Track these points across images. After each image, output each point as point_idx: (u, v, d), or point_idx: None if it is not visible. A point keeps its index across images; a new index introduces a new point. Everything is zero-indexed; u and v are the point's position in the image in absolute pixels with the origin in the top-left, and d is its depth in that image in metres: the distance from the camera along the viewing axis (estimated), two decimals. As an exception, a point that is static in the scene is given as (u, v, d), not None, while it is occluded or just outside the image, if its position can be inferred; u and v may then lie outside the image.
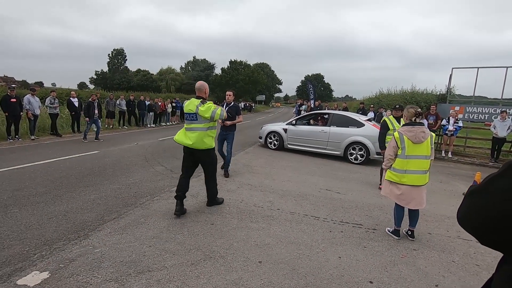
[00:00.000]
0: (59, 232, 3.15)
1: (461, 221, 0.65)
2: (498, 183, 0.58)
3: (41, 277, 2.37)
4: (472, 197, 0.64)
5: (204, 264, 2.70)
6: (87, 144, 9.03)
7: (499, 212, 0.56)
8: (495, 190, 0.58)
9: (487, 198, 0.59)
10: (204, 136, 3.82)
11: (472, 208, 0.63)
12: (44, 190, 4.43)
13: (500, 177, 0.59)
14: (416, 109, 3.61)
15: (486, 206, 0.59)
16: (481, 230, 0.61)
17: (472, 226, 0.63)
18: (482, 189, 0.61)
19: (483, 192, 0.61)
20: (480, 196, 0.61)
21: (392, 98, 13.96)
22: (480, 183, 0.63)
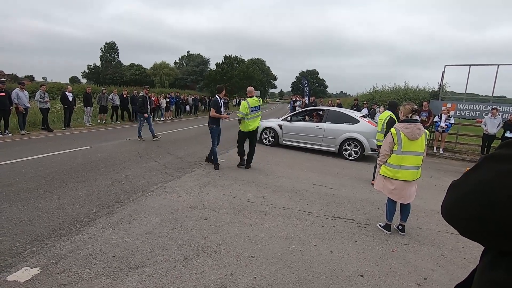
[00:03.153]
0: (50, 228, 3.12)
1: (443, 212, 0.67)
2: (474, 175, 0.60)
3: (32, 273, 2.35)
4: (453, 189, 0.65)
5: (197, 259, 2.71)
6: (79, 139, 8.91)
7: (474, 203, 0.58)
8: (472, 182, 0.60)
9: (465, 190, 0.61)
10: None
11: (452, 200, 0.64)
12: (34, 186, 4.37)
13: (476, 169, 0.60)
14: (412, 106, 3.64)
15: (463, 198, 0.60)
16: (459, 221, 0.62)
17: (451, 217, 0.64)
18: (461, 182, 0.63)
19: (462, 184, 0.62)
20: (459, 188, 0.63)
21: (385, 95, 14.06)
22: (461, 176, 0.65)
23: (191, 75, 57.39)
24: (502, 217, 0.53)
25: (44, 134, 9.64)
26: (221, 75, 50.05)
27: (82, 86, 24.33)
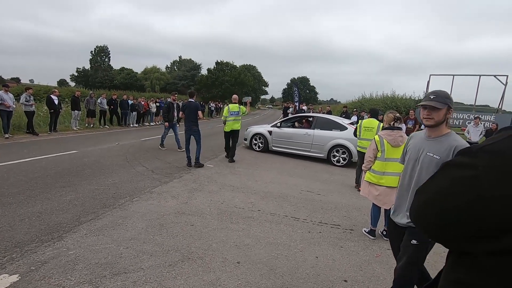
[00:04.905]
0: (32, 234, 3.05)
1: (410, 217, 0.71)
2: (434, 182, 0.64)
3: (10, 280, 2.29)
4: (416, 196, 0.69)
5: (181, 265, 2.69)
6: (65, 143, 8.75)
7: (434, 209, 0.62)
8: (431, 189, 0.64)
9: (426, 196, 0.65)
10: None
11: (415, 206, 0.68)
12: (17, 191, 4.26)
13: (435, 177, 0.64)
14: (395, 114, 3.77)
15: (424, 204, 0.65)
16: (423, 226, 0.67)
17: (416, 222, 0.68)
18: (423, 188, 0.67)
19: (424, 191, 0.66)
20: (421, 195, 0.67)
21: (374, 103, 14.36)
22: (424, 182, 0.69)
23: (182, 80, 57.24)
24: (457, 220, 0.57)
25: (29, 138, 9.41)
26: (213, 81, 50.16)
27: (71, 89, 23.94)
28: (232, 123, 7.59)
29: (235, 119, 7.60)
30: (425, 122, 1.79)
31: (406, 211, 1.89)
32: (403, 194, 1.97)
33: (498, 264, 0.52)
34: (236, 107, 7.64)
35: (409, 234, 1.91)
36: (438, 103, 1.72)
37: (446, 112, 1.76)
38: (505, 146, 0.52)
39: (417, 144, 1.92)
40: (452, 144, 1.73)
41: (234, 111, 7.60)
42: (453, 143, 1.74)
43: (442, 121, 1.78)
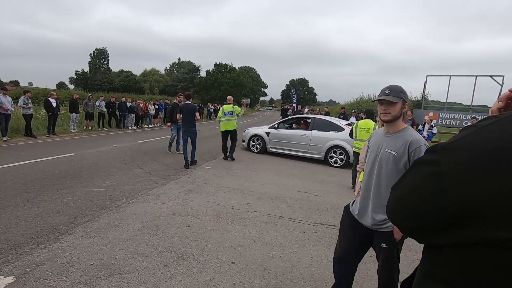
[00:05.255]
0: (28, 236, 3.07)
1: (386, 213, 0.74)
2: (406, 178, 0.67)
3: (5, 282, 2.30)
4: (392, 192, 0.72)
5: (176, 266, 2.71)
6: (63, 146, 8.77)
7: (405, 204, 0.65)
8: (404, 185, 0.67)
9: (399, 192, 0.68)
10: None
11: (390, 202, 0.72)
12: (14, 193, 4.28)
13: (408, 173, 0.67)
14: None
15: (398, 200, 0.68)
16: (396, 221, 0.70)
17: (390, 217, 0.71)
18: (397, 185, 0.70)
19: (397, 188, 0.70)
20: (395, 191, 0.70)
21: (372, 104, 14.41)
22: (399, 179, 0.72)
23: (181, 82, 57.37)
24: (422, 214, 0.60)
25: (27, 141, 9.43)
26: (212, 83, 50.26)
27: (69, 92, 23.97)
28: (226, 123, 7.86)
29: (228, 119, 7.88)
30: (382, 117, 1.80)
31: (372, 211, 1.85)
32: (367, 195, 1.91)
33: (460, 256, 0.55)
34: (230, 108, 7.93)
35: (377, 238, 1.88)
36: (393, 97, 1.73)
37: (402, 106, 1.77)
38: (463, 143, 0.55)
39: (377, 141, 1.91)
40: (407, 139, 1.74)
41: (228, 111, 7.90)
42: (408, 138, 1.74)
43: (399, 115, 1.78)
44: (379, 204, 1.82)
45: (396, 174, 1.74)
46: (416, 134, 1.78)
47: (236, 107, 8.09)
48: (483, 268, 0.51)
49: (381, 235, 1.84)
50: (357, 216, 1.96)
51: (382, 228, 1.83)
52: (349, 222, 2.01)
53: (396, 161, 1.74)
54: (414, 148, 1.70)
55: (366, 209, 1.90)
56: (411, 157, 1.71)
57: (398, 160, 1.74)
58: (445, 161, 0.56)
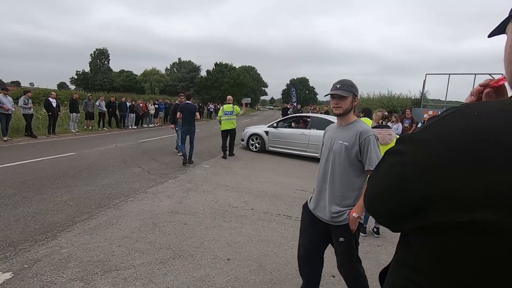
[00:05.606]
0: (26, 234, 3.11)
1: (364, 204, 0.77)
2: (378, 168, 0.70)
3: (3, 277, 2.34)
4: (367, 183, 0.75)
5: (172, 262, 2.75)
6: (63, 145, 8.81)
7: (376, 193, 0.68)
8: (376, 175, 0.70)
9: (372, 182, 0.71)
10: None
11: (366, 192, 0.74)
12: (13, 192, 4.32)
13: (379, 164, 0.70)
14: (383, 112, 3.84)
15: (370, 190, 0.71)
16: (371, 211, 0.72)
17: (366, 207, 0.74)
18: (371, 176, 0.73)
19: (371, 178, 0.73)
20: (369, 182, 0.73)
21: (371, 102, 14.42)
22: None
23: (182, 82, 57.41)
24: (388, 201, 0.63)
25: (27, 140, 9.49)
26: (212, 82, 50.28)
27: (70, 92, 24.05)
28: (226, 122, 8.11)
29: (228, 119, 8.14)
30: (335, 111, 1.88)
31: (328, 204, 1.88)
32: (322, 188, 1.94)
33: (421, 241, 0.58)
34: (229, 107, 8.20)
35: (334, 232, 1.89)
36: (344, 92, 1.80)
37: (352, 100, 1.84)
38: (426, 133, 0.58)
39: (330, 135, 1.97)
40: (358, 129, 1.81)
41: (228, 111, 8.16)
42: (358, 129, 1.81)
43: (350, 109, 1.85)
44: (333, 195, 1.87)
45: (348, 164, 1.82)
46: (366, 126, 1.86)
47: (236, 107, 8.39)
48: (439, 252, 0.54)
49: (338, 229, 1.87)
50: (314, 211, 1.98)
51: (338, 221, 1.85)
52: (308, 219, 2.04)
53: (348, 151, 1.80)
54: (364, 137, 1.77)
55: (322, 203, 1.93)
56: (362, 146, 1.78)
57: (350, 150, 1.80)
58: (409, 150, 0.59)
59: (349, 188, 1.85)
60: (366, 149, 1.77)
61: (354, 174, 1.84)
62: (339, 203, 1.85)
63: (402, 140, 0.64)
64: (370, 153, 1.76)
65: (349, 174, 1.83)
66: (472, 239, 0.48)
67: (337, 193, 1.85)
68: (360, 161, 1.81)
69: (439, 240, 0.54)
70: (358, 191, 1.86)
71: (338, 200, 1.86)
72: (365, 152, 1.77)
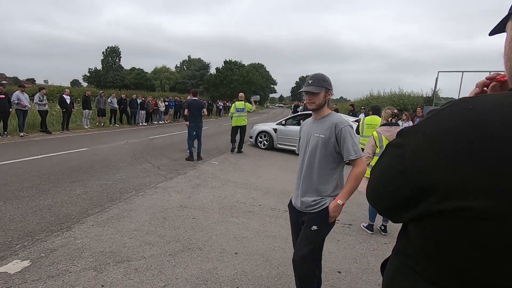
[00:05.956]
0: (42, 225, 3.24)
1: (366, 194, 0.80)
2: (379, 161, 0.73)
3: (22, 265, 2.46)
4: (370, 174, 0.78)
5: (181, 255, 2.82)
6: (76, 141, 9.05)
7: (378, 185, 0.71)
8: (377, 167, 0.73)
9: (374, 174, 0.74)
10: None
11: (368, 184, 0.77)
12: (30, 185, 4.49)
13: (381, 156, 0.73)
14: (392, 110, 3.81)
15: (372, 181, 0.73)
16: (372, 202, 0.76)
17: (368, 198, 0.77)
18: (373, 168, 0.76)
19: (373, 170, 0.75)
20: (372, 174, 0.76)
21: (381, 100, 14.25)
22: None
23: (191, 79, 57.78)
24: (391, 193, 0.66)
25: (42, 136, 9.78)
26: (221, 80, 50.41)
27: (82, 89, 24.54)
28: (238, 119, 8.40)
29: (240, 115, 8.41)
30: (308, 106, 1.90)
31: (305, 194, 1.90)
32: (299, 179, 1.98)
33: (417, 230, 0.61)
34: (241, 104, 8.44)
35: (308, 220, 1.88)
36: (316, 87, 1.81)
37: (325, 95, 1.84)
38: (423, 126, 0.61)
39: (306, 129, 1.98)
40: (333, 122, 1.83)
41: (240, 108, 8.41)
42: (333, 121, 1.83)
43: (323, 103, 1.86)
44: (311, 187, 1.88)
45: (325, 157, 1.83)
46: (340, 117, 1.89)
47: (248, 104, 8.64)
48: (433, 240, 0.56)
49: (313, 218, 1.86)
50: (294, 204, 2.02)
51: (314, 209, 1.86)
52: (292, 215, 2.08)
53: (324, 144, 1.82)
54: (339, 128, 1.79)
55: (300, 194, 1.95)
56: (338, 137, 1.80)
57: (327, 142, 1.81)
58: (407, 143, 0.62)
59: (326, 180, 1.86)
60: (342, 140, 1.79)
61: (331, 166, 1.85)
62: (317, 194, 1.87)
63: (401, 133, 0.66)
64: (347, 144, 1.78)
65: (327, 167, 1.85)
66: (464, 226, 0.50)
67: (315, 185, 1.87)
68: (338, 152, 1.83)
69: (434, 228, 0.56)
70: (335, 182, 1.87)
71: (315, 191, 1.87)
72: (342, 143, 1.79)
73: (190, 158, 7.06)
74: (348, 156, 1.78)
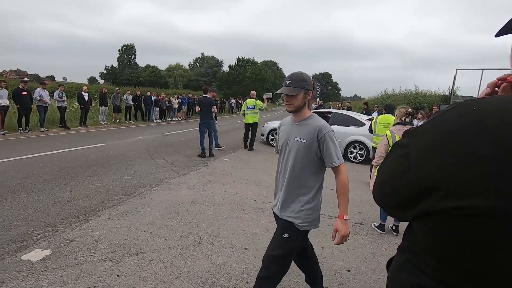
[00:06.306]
0: (62, 216, 3.39)
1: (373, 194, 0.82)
2: (385, 161, 0.74)
3: (43, 254, 2.60)
4: (377, 174, 0.80)
5: (193, 249, 2.90)
6: (93, 137, 9.34)
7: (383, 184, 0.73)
8: (383, 167, 0.74)
9: (380, 173, 0.76)
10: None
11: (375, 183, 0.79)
12: (50, 178, 4.70)
13: (387, 156, 0.75)
14: (407, 109, 3.74)
15: (378, 180, 0.75)
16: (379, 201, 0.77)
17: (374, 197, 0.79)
18: (379, 167, 0.78)
19: (379, 169, 0.77)
20: (378, 173, 0.78)
21: (396, 99, 13.95)
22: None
23: (204, 77, 58.23)
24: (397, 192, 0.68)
25: (61, 132, 10.15)
26: (234, 77, 50.53)
27: (99, 86, 25.23)
28: (250, 116, 8.60)
29: (252, 113, 8.60)
30: (287, 108, 1.80)
31: (283, 202, 1.83)
32: (282, 184, 1.88)
33: (421, 228, 0.62)
34: (252, 102, 8.62)
35: (281, 227, 1.84)
36: (293, 89, 1.70)
37: (304, 96, 1.74)
38: (427, 127, 0.62)
39: (285, 130, 1.89)
40: (315, 126, 1.74)
41: (251, 105, 8.61)
42: (316, 125, 1.74)
43: (302, 105, 1.76)
44: (290, 193, 1.81)
45: (307, 161, 1.76)
46: (322, 121, 1.79)
47: (258, 102, 8.76)
48: (436, 236, 0.58)
49: (285, 226, 1.81)
50: (274, 209, 1.97)
51: (288, 217, 1.80)
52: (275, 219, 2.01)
53: (306, 149, 1.74)
54: (323, 134, 1.71)
55: (280, 201, 1.87)
56: (321, 143, 1.72)
57: (309, 147, 1.74)
58: (412, 143, 0.63)
59: (307, 186, 1.79)
60: (325, 146, 1.71)
61: (313, 172, 1.78)
62: (297, 201, 1.80)
63: (407, 133, 0.68)
64: (329, 150, 1.71)
65: (309, 172, 1.77)
66: (466, 225, 0.52)
67: (295, 192, 1.80)
68: (319, 158, 1.76)
69: (437, 226, 0.58)
70: (316, 189, 1.81)
71: (295, 198, 1.80)
72: (325, 148, 1.72)
73: (202, 155, 7.17)
74: (332, 163, 1.72)
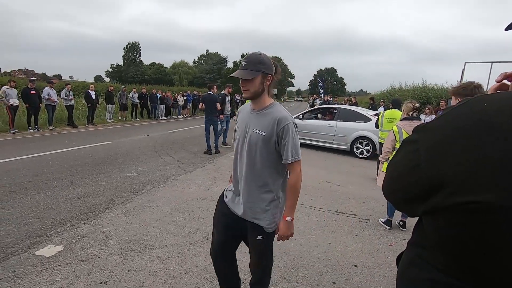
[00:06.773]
0: (73, 213, 3.47)
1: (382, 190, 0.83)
2: (395, 157, 0.75)
3: (56, 249, 2.67)
4: (386, 170, 0.81)
5: (201, 245, 2.94)
6: (101, 135, 9.46)
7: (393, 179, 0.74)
8: (393, 163, 0.75)
9: (389, 169, 0.77)
10: None
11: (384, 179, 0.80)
12: (60, 176, 4.79)
13: (397, 152, 0.75)
14: (414, 104, 3.70)
15: (388, 176, 0.76)
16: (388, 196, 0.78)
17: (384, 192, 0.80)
18: (389, 163, 0.79)
19: (389, 166, 0.78)
20: (388, 169, 0.79)
21: (402, 93, 13.79)
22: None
23: (209, 74, 58.22)
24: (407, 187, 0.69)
25: (69, 130, 10.30)
26: (238, 74, 50.33)
27: (106, 85, 25.45)
28: None
29: None
30: (243, 94, 1.58)
31: (246, 200, 1.64)
32: (239, 179, 1.68)
33: (431, 223, 0.63)
34: None
35: (251, 231, 1.67)
36: (249, 72, 1.49)
37: (262, 81, 1.52)
38: (437, 123, 0.63)
39: (244, 119, 1.67)
40: (275, 117, 1.54)
41: None
42: (276, 115, 1.55)
43: (260, 90, 1.54)
44: (252, 192, 1.62)
45: (267, 155, 1.58)
46: (283, 110, 1.59)
47: None
48: (445, 231, 0.59)
49: (255, 227, 1.65)
50: (228, 203, 1.76)
51: (257, 220, 1.63)
52: (221, 209, 1.81)
53: (265, 142, 1.55)
54: (282, 126, 1.52)
55: (238, 196, 1.69)
56: (279, 136, 1.54)
57: (268, 140, 1.55)
58: (421, 139, 0.64)
59: (268, 183, 1.61)
60: (284, 139, 1.53)
61: (275, 166, 1.61)
62: (261, 200, 1.62)
63: (417, 129, 0.69)
64: (287, 145, 1.53)
65: (269, 167, 1.60)
66: (474, 220, 0.52)
67: (258, 190, 1.62)
68: (279, 152, 1.58)
69: (446, 221, 0.59)
70: (278, 187, 1.65)
71: (259, 197, 1.62)
72: (283, 142, 1.54)
73: (208, 152, 7.22)
74: (286, 159, 1.55)
